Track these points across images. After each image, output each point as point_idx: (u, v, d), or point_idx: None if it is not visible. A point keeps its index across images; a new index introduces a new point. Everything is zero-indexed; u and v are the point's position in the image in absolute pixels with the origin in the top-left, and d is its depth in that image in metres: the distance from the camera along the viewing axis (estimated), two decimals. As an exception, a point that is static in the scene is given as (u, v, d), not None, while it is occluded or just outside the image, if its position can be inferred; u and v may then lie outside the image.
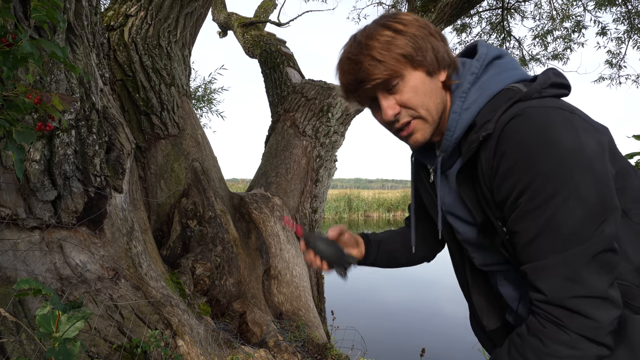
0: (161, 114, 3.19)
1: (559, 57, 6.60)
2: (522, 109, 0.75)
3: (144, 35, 3.25)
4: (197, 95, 7.88)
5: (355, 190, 28.84)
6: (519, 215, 0.74)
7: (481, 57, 0.88)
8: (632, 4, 5.67)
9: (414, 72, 0.84)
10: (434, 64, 0.85)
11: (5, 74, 1.03)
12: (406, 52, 0.83)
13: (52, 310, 0.97)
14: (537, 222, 0.72)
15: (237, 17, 6.44)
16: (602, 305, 0.70)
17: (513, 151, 0.73)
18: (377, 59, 0.83)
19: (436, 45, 0.85)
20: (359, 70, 0.85)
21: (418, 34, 0.84)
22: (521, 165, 0.72)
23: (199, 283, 2.80)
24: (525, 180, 0.72)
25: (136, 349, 1.73)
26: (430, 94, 0.86)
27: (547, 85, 0.81)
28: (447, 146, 0.88)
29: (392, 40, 0.83)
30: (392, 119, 0.87)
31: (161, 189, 3.14)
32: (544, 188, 0.71)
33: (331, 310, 4.01)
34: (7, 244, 1.64)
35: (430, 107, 0.86)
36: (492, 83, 0.85)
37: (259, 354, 2.27)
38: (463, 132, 0.85)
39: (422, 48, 0.83)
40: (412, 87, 0.85)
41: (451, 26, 6.68)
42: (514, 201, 0.74)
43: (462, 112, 0.85)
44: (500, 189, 0.76)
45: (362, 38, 0.85)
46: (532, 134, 0.72)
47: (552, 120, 0.73)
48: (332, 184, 4.91)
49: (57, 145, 1.80)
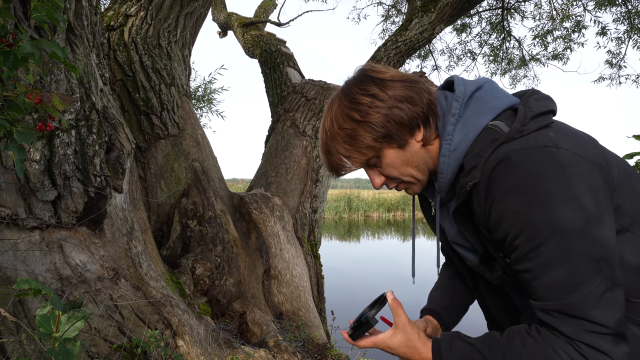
0: (161, 114, 3.19)
1: (559, 57, 6.60)
2: (506, 154, 0.77)
3: (144, 35, 3.25)
4: (197, 95, 7.88)
5: (355, 190, 28.85)
6: (518, 257, 0.78)
7: (459, 96, 0.89)
8: (632, 4, 5.67)
9: (387, 150, 0.89)
10: (403, 137, 0.88)
11: (6, 74, 1.03)
12: (369, 143, 0.87)
13: (52, 310, 0.97)
14: (537, 264, 0.75)
15: (237, 17, 6.44)
16: (615, 341, 0.73)
17: (502, 198, 0.76)
18: (345, 155, 0.90)
19: (400, 116, 0.86)
20: (333, 162, 0.93)
21: (377, 121, 0.86)
22: (511, 212, 0.75)
23: (199, 283, 2.80)
24: (516, 227, 0.75)
25: (136, 349, 1.73)
26: (407, 163, 0.91)
27: (528, 119, 0.81)
28: (442, 188, 0.92)
29: (353, 132, 0.87)
30: (380, 187, 0.95)
31: (161, 189, 3.14)
32: (535, 234, 0.73)
33: (331, 310, 4.01)
34: (7, 244, 1.64)
35: (412, 172, 0.92)
36: (474, 122, 0.86)
37: (259, 354, 2.27)
38: (454, 174, 0.89)
39: (383, 133, 0.86)
40: (389, 164, 0.90)
41: (451, 26, 6.68)
42: (511, 243, 0.78)
43: (451, 154, 0.87)
44: (497, 231, 0.80)
45: (329, 127, 0.91)
46: (517, 180, 0.75)
47: (536, 162, 0.74)
48: (332, 184, 4.91)
49: (57, 145, 1.80)
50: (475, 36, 7.11)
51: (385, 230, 18.03)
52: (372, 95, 0.87)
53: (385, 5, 7.48)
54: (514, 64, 7.12)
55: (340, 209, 22.77)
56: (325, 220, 21.09)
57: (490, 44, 7.02)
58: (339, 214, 22.75)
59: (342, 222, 20.79)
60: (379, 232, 17.25)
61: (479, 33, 6.99)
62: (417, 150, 0.90)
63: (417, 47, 4.50)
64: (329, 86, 4.49)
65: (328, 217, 22.09)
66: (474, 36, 7.18)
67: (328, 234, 16.05)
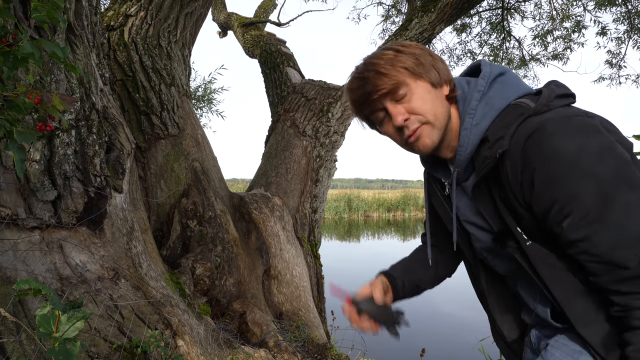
0: (161, 114, 3.19)
1: (559, 57, 6.60)
2: (540, 123, 0.78)
3: (144, 35, 3.25)
4: (197, 95, 7.88)
5: (355, 190, 28.85)
6: (572, 225, 0.75)
7: (485, 75, 0.92)
8: (632, 4, 5.67)
9: (419, 82, 0.90)
10: (437, 77, 0.91)
11: (6, 74, 1.03)
12: (408, 65, 0.89)
13: (52, 310, 0.97)
14: (596, 228, 0.72)
15: (237, 17, 6.44)
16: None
17: (544, 166, 0.75)
18: (382, 73, 0.89)
19: (436, 63, 0.92)
20: (366, 84, 0.91)
21: (418, 52, 0.91)
22: (556, 178, 0.74)
23: (199, 283, 2.80)
24: (565, 193, 0.73)
25: (136, 349, 1.73)
26: (436, 102, 0.91)
27: (553, 98, 0.84)
28: (461, 161, 0.92)
29: (395, 57, 0.90)
30: (401, 124, 0.91)
31: (161, 189, 3.14)
32: (588, 197, 0.72)
33: (331, 310, 4.01)
34: (7, 244, 1.64)
35: (438, 112, 0.91)
36: (498, 99, 0.88)
37: (259, 354, 2.27)
38: (475, 147, 0.89)
39: (423, 64, 0.90)
40: (419, 95, 0.90)
41: (451, 26, 6.68)
42: (560, 211, 0.75)
43: (473, 127, 0.88)
44: (541, 201, 0.78)
45: (367, 59, 0.93)
46: (558, 146, 0.74)
47: (574, 128, 0.75)
48: (332, 184, 4.91)
49: (57, 145, 1.80)
50: (475, 36, 7.11)
51: (385, 230, 18.03)
52: (412, 43, 0.94)
53: (385, 5, 7.48)
54: (514, 64, 7.12)
55: (340, 209, 22.77)
56: (325, 220, 21.10)
57: (490, 44, 7.02)
58: (339, 214, 22.75)
59: (342, 222, 20.79)
60: (379, 232, 17.26)
61: (479, 33, 6.99)
62: (444, 99, 0.93)
63: (417, 47, 4.49)
64: (329, 86, 4.49)
65: (328, 217, 22.09)
66: (474, 36, 7.17)
67: (328, 234, 16.06)
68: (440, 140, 0.92)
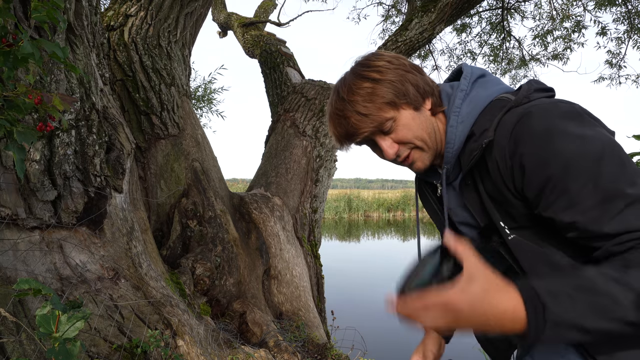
0: (161, 114, 3.19)
1: (559, 57, 6.60)
2: (526, 109, 0.80)
3: (144, 35, 3.25)
4: (197, 95, 7.88)
5: (355, 190, 28.85)
6: (570, 201, 0.74)
7: (467, 76, 0.94)
8: (632, 4, 5.67)
9: (402, 110, 0.90)
10: (418, 99, 0.91)
11: (6, 74, 1.03)
12: (389, 99, 0.88)
13: (52, 310, 0.97)
14: (595, 201, 0.72)
15: (237, 17, 6.44)
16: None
17: (533, 147, 0.76)
18: (363, 113, 0.88)
19: (414, 80, 0.91)
20: (348, 125, 0.90)
21: (395, 79, 0.89)
22: (546, 156, 0.75)
23: (199, 283, 2.80)
24: (557, 167, 0.74)
25: (136, 349, 1.73)
26: (421, 126, 0.92)
27: (532, 91, 0.87)
28: (449, 158, 0.93)
29: (373, 90, 0.88)
30: (394, 157, 0.93)
31: (161, 189, 3.14)
32: (580, 167, 0.73)
33: (331, 310, 4.01)
34: (7, 244, 1.64)
35: (424, 137, 0.92)
36: (481, 97, 0.91)
37: (259, 354, 2.27)
38: (462, 143, 0.91)
39: (402, 90, 0.89)
40: (404, 124, 0.91)
41: (451, 26, 6.68)
42: (553, 189, 0.75)
43: (458, 125, 0.90)
44: (533, 182, 0.78)
45: (344, 94, 0.90)
46: (546, 127, 0.76)
47: (558, 110, 0.78)
48: (332, 184, 4.91)
49: (57, 145, 1.80)
50: (475, 36, 7.11)
51: (385, 230, 18.03)
52: (386, 60, 0.91)
53: (385, 5, 7.49)
54: (514, 64, 7.12)
55: (340, 209, 22.77)
56: (325, 220, 21.10)
57: (490, 44, 7.02)
58: (339, 214, 22.75)
59: (342, 222, 20.79)
60: (379, 232, 17.26)
61: (479, 33, 6.99)
62: (428, 117, 0.93)
63: (417, 47, 4.50)
64: (329, 86, 4.49)
65: (328, 217, 22.09)
66: (474, 36, 7.17)
67: (328, 234, 16.06)
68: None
